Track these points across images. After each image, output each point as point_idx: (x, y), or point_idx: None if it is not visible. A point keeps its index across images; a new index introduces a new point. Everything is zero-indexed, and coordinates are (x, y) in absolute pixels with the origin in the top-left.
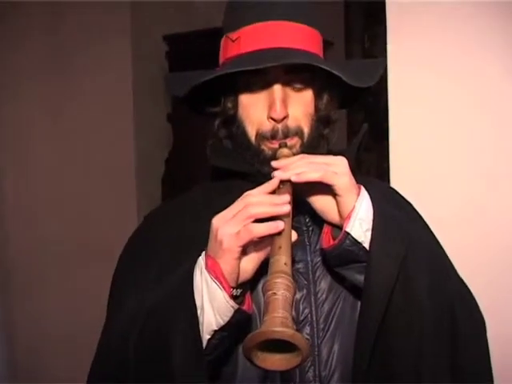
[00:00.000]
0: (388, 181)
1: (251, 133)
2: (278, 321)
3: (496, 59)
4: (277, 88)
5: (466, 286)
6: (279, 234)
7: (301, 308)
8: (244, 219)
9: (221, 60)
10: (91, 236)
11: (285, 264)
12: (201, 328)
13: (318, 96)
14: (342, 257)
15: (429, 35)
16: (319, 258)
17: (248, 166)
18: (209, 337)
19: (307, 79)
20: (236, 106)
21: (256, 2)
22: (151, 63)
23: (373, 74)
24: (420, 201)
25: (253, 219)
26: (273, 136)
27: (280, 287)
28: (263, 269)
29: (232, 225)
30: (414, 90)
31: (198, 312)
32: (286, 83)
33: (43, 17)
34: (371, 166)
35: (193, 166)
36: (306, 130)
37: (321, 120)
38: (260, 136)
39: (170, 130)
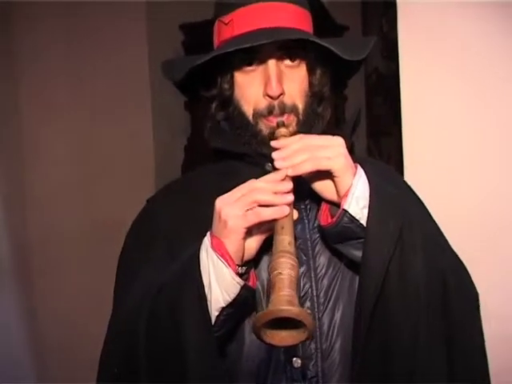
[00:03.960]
0: (402, 167)
1: (248, 111)
2: (284, 299)
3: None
4: (271, 64)
5: (459, 259)
6: None
7: (301, 283)
8: (249, 203)
9: (215, 44)
10: (110, 225)
11: (288, 244)
12: (209, 305)
13: (311, 72)
14: (339, 234)
15: (441, 21)
16: (318, 235)
17: (246, 148)
18: (217, 313)
19: (300, 55)
20: (232, 86)
21: None
22: (168, 52)
23: (363, 48)
24: (433, 187)
25: (257, 204)
26: (269, 112)
27: (285, 267)
28: (265, 246)
29: (236, 207)
30: (426, 76)
31: (206, 290)
32: (280, 60)
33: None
34: (391, 149)
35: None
36: (301, 107)
37: (314, 96)
38: (257, 114)
39: (188, 117)
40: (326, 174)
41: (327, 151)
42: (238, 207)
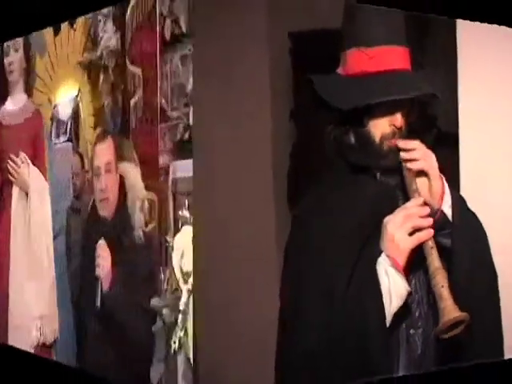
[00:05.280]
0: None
1: (376, 133)
2: (455, 308)
3: None
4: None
5: None
6: None
7: None
8: (410, 228)
9: (352, 69)
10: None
11: (438, 261)
12: (387, 313)
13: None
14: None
15: (500, 61)
16: None
17: (376, 162)
18: (390, 318)
19: None
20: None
21: (386, 22)
22: (282, 59)
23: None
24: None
25: (414, 229)
26: (393, 135)
27: (443, 281)
28: None
29: (403, 232)
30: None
31: (384, 301)
32: None
33: None
34: None
35: (315, 161)
36: None
37: None
38: (384, 137)
39: (293, 125)
40: (424, 177)
41: (431, 159)
42: (404, 232)
